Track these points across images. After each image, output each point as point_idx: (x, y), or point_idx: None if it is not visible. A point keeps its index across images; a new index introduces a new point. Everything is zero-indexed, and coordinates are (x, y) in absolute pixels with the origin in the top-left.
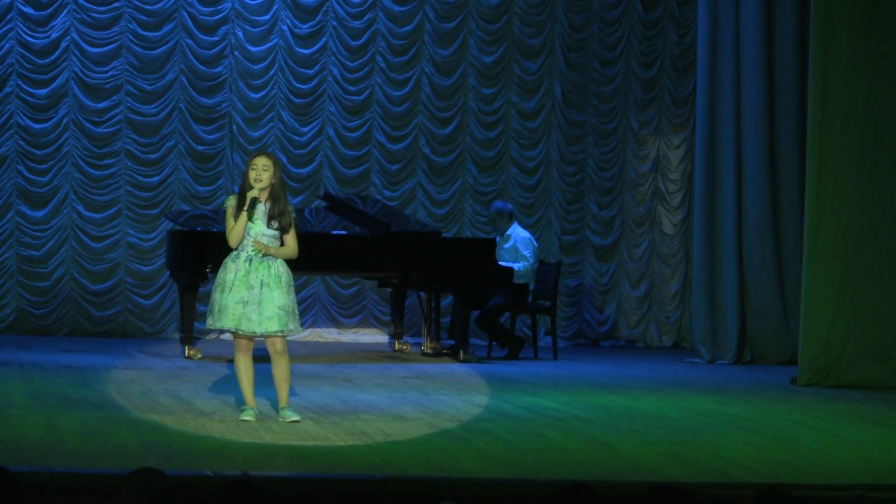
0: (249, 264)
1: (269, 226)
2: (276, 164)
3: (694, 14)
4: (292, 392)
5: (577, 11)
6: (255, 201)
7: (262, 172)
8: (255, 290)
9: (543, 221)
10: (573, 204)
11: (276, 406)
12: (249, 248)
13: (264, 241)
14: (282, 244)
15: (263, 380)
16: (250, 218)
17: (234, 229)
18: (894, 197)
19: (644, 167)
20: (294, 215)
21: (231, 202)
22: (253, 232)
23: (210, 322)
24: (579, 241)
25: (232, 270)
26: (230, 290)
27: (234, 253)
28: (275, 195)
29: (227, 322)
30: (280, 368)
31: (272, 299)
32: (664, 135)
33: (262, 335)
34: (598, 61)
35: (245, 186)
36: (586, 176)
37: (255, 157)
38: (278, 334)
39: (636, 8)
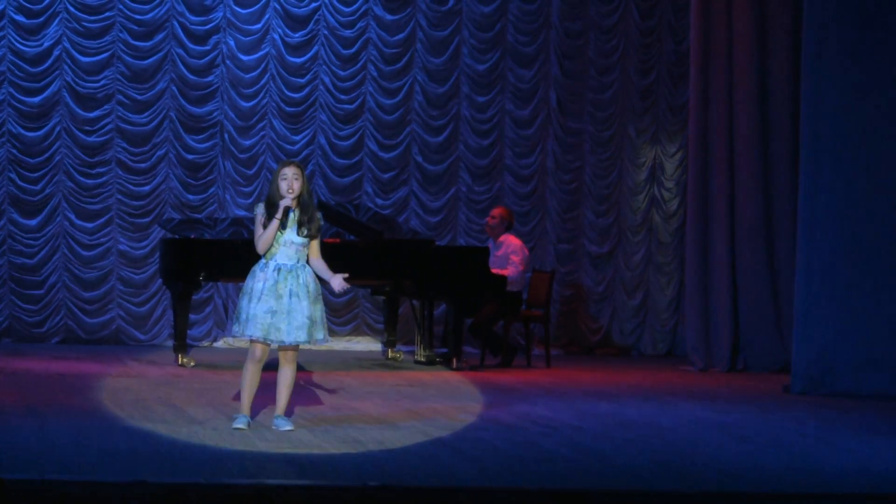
0: (278, 273)
1: (298, 233)
2: (304, 172)
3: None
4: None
5: (572, 19)
6: (289, 211)
7: (293, 182)
8: (283, 299)
9: (539, 230)
10: (569, 212)
11: (271, 414)
12: (279, 257)
13: (293, 249)
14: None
15: (261, 387)
16: (284, 228)
17: (264, 237)
18: (888, 203)
19: (640, 175)
20: (322, 222)
21: (261, 209)
22: (282, 240)
23: (238, 330)
24: (575, 249)
25: (261, 280)
26: (259, 300)
27: (263, 262)
28: (304, 203)
29: (256, 331)
30: (285, 375)
31: (301, 309)
32: (660, 143)
33: (290, 344)
34: (595, 69)
35: (275, 195)
36: (582, 184)
37: (284, 166)
38: (305, 344)
39: (632, 15)
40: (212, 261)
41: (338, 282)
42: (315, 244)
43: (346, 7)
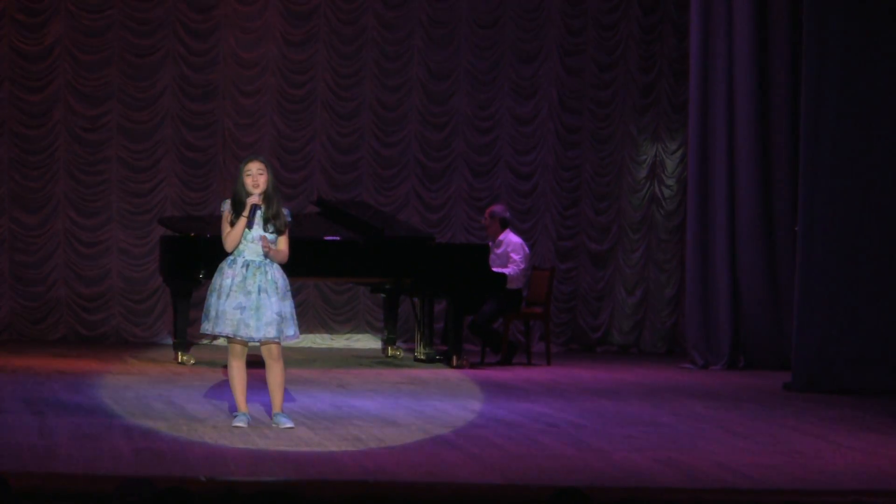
0: (247, 270)
1: (265, 229)
2: (269, 167)
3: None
4: (286, 398)
5: (573, 15)
6: (255, 208)
7: (258, 177)
8: (252, 295)
9: (539, 227)
10: (569, 209)
11: (269, 412)
12: (247, 254)
13: (259, 245)
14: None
15: (257, 385)
16: (250, 226)
17: (232, 234)
18: (887, 201)
19: (641, 172)
20: (290, 219)
21: (227, 206)
22: (250, 236)
23: (207, 327)
24: (575, 246)
25: (229, 276)
26: (227, 296)
27: (231, 258)
28: (269, 197)
29: (226, 327)
30: (274, 374)
31: (270, 305)
32: (661, 140)
33: (259, 341)
34: (596, 65)
35: (240, 192)
36: (583, 181)
37: (248, 162)
38: (275, 340)
39: (634, 12)
40: (211, 258)
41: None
42: (281, 241)
43: (347, 4)
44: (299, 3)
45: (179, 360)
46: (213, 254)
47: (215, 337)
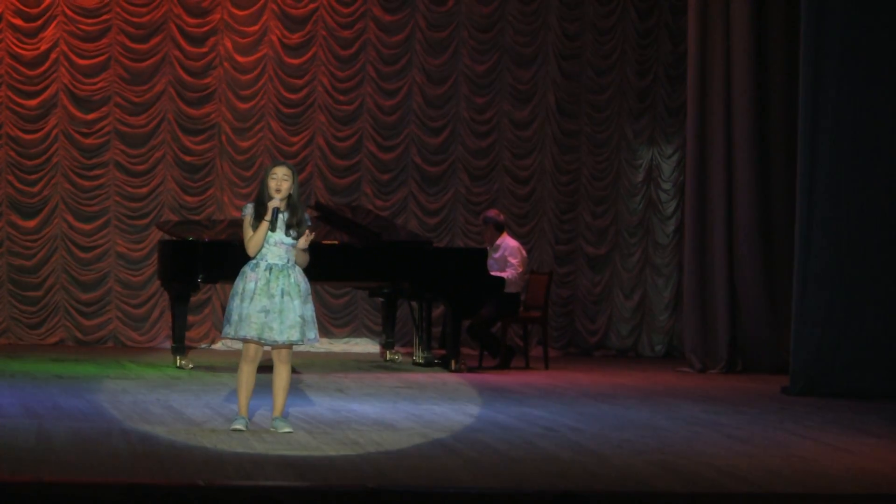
0: (270, 273)
1: (286, 234)
2: (295, 174)
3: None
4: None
5: (570, 20)
6: (276, 211)
7: (281, 182)
8: (275, 298)
9: (537, 231)
10: (567, 213)
11: (269, 416)
12: (269, 257)
13: (283, 248)
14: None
15: (258, 388)
16: (273, 228)
17: (255, 238)
18: (885, 205)
19: (637, 177)
20: (310, 224)
21: (249, 209)
22: (272, 240)
23: (229, 331)
24: (573, 250)
25: (252, 280)
26: (251, 300)
27: (254, 262)
28: (293, 205)
29: (250, 331)
30: (281, 377)
31: (293, 308)
32: (657, 144)
33: (283, 344)
34: (592, 70)
35: (264, 196)
36: (580, 185)
37: (275, 166)
38: (298, 343)
39: (630, 17)
40: (210, 263)
41: (302, 239)
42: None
43: (345, 8)
44: (296, 7)
45: (178, 365)
46: (212, 258)
47: (237, 340)
